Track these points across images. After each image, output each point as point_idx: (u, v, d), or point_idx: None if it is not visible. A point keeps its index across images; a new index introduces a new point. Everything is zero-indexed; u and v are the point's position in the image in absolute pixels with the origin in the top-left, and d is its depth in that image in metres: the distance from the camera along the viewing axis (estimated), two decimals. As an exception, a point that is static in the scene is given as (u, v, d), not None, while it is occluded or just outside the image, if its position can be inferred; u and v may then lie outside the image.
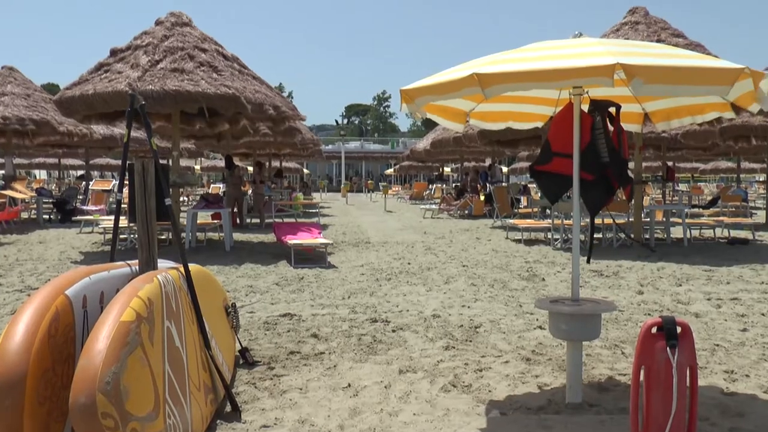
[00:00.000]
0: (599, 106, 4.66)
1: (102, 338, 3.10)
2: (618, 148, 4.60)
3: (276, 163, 35.42)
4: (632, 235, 13.59)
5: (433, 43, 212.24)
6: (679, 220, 14.86)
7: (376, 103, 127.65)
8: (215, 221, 15.56)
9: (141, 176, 4.08)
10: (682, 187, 44.01)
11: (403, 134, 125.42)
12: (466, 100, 5.09)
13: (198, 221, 14.56)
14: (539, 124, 5.49)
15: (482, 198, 24.32)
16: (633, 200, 13.89)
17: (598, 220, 13.77)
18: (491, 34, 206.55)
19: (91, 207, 20.25)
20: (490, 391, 4.78)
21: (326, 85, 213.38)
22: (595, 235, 14.90)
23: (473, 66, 4.02)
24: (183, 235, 13.16)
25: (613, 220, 4.90)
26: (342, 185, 48.68)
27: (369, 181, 54.41)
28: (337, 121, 71.83)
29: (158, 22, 13.97)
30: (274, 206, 19.29)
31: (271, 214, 18.83)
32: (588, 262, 4.98)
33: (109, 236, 14.59)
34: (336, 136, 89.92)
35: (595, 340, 5.98)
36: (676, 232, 15.69)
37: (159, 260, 4.44)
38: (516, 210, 20.65)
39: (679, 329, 3.55)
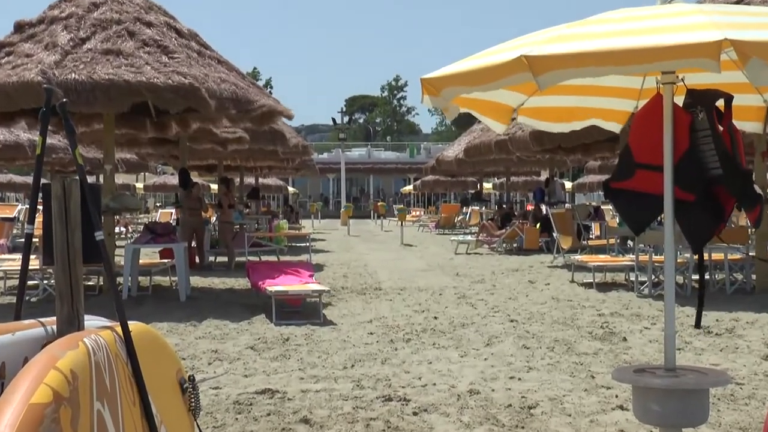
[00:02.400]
0: (701, 99, 4.66)
1: (4, 427, 3.10)
2: (732, 154, 4.59)
3: (250, 180, 35.58)
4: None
5: (464, 14, 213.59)
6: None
7: (386, 93, 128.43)
8: (165, 261, 15.60)
9: (60, 200, 4.10)
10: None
11: (425, 137, 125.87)
12: (512, 91, 5.10)
13: (141, 261, 14.60)
14: (615, 127, 5.49)
15: (537, 225, 24.28)
16: (758, 227, 13.79)
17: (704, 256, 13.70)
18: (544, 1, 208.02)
19: (-12, 242, 20.34)
20: (551, 499, 4.73)
21: (318, 71, 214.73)
22: (696, 277, 14.82)
23: (521, 45, 4.04)
24: (120, 280, 13.19)
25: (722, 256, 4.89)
26: (342, 209, 48.80)
27: (379, 203, 54.46)
28: (334, 120, 71.98)
29: (85, -14, 14.15)
30: (248, 239, 19.34)
31: (243, 249, 18.85)
32: (697, 326, 4.93)
33: (13, 283, 14.63)
34: (333, 141, 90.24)
35: (701, 426, 5.92)
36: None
37: (86, 317, 4.44)
38: (585, 242, 20.61)
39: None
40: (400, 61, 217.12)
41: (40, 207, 4.65)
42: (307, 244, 22.24)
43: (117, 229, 24.76)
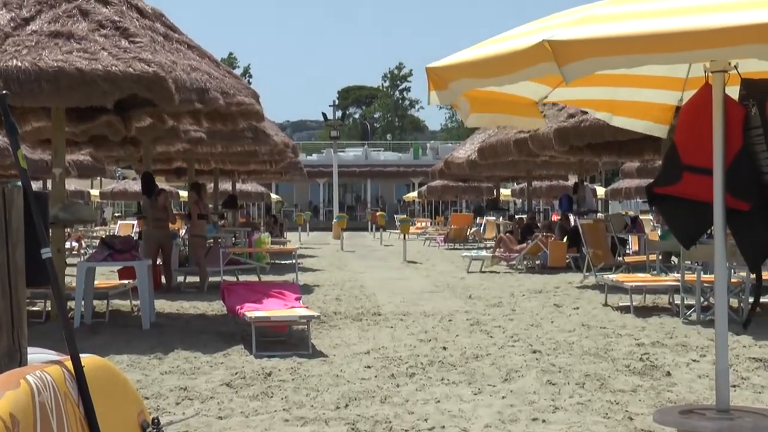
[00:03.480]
0: (755, 90, 4.65)
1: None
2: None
3: (226, 186, 35.56)
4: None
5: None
6: None
7: (387, 84, 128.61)
8: (125, 282, 15.57)
9: None
10: None
11: (433, 134, 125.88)
12: (534, 83, 5.08)
13: (97, 282, 14.56)
14: (659, 129, 5.47)
15: (564, 239, 24.26)
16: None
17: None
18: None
19: None
20: None
21: (306, 57, 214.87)
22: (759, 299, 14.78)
23: (543, 27, 4.03)
24: (71, 305, 13.16)
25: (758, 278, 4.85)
26: (334, 220, 48.75)
27: (378, 213, 54.45)
28: (325, 115, 71.86)
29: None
30: (224, 256, 19.31)
31: (217, 268, 18.83)
32: (745, 326, 4.91)
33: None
34: (323, 140, 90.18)
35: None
36: None
37: (30, 349, 4.43)
38: (620, 258, 20.58)
39: None
40: (403, 46, 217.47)
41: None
42: (294, 261, 22.21)
43: (68, 245, 24.76)
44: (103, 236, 18.43)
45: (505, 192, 49.65)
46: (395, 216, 57.35)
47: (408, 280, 21.44)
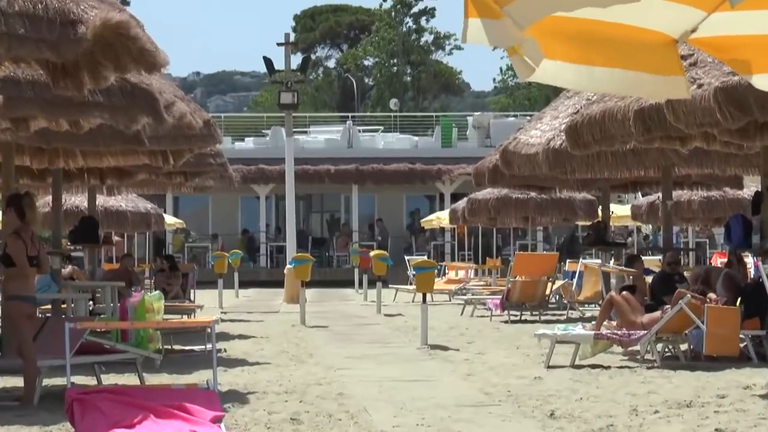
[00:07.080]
0: None
1: None
2: None
3: (79, 199, 35.64)
4: None
5: None
6: None
7: (390, 4, 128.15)
8: None
9: None
10: None
11: (478, 98, 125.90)
12: (670, 2, 5.06)
13: None
14: None
15: (737, 302, 24.10)
16: None
17: None
18: None
19: None
20: None
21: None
22: None
23: None
24: None
25: None
26: (288, 265, 48.69)
27: (372, 252, 54.44)
28: (269, 63, 70.65)
29: None
30: (72, 336, 19.33)
31: (62, 359, 18.85)
32: None
33: None
34: (269, 113, 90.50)
35: None
36: None
37: None
38: None
39: None
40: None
41: None
42: (209, 346, 22.23)
43: None
44: None
45: (620, 211, 49.81)
46: (406, 258, 57.39)
47: (432, 384, 21.38)
